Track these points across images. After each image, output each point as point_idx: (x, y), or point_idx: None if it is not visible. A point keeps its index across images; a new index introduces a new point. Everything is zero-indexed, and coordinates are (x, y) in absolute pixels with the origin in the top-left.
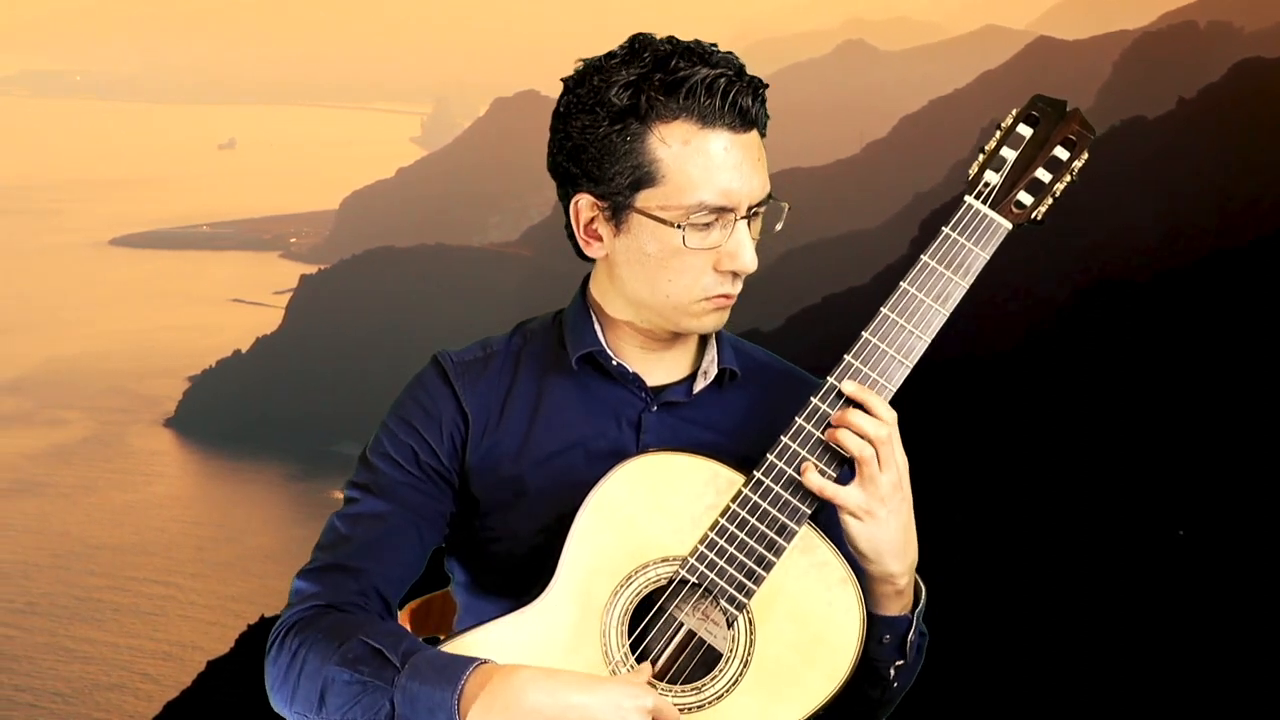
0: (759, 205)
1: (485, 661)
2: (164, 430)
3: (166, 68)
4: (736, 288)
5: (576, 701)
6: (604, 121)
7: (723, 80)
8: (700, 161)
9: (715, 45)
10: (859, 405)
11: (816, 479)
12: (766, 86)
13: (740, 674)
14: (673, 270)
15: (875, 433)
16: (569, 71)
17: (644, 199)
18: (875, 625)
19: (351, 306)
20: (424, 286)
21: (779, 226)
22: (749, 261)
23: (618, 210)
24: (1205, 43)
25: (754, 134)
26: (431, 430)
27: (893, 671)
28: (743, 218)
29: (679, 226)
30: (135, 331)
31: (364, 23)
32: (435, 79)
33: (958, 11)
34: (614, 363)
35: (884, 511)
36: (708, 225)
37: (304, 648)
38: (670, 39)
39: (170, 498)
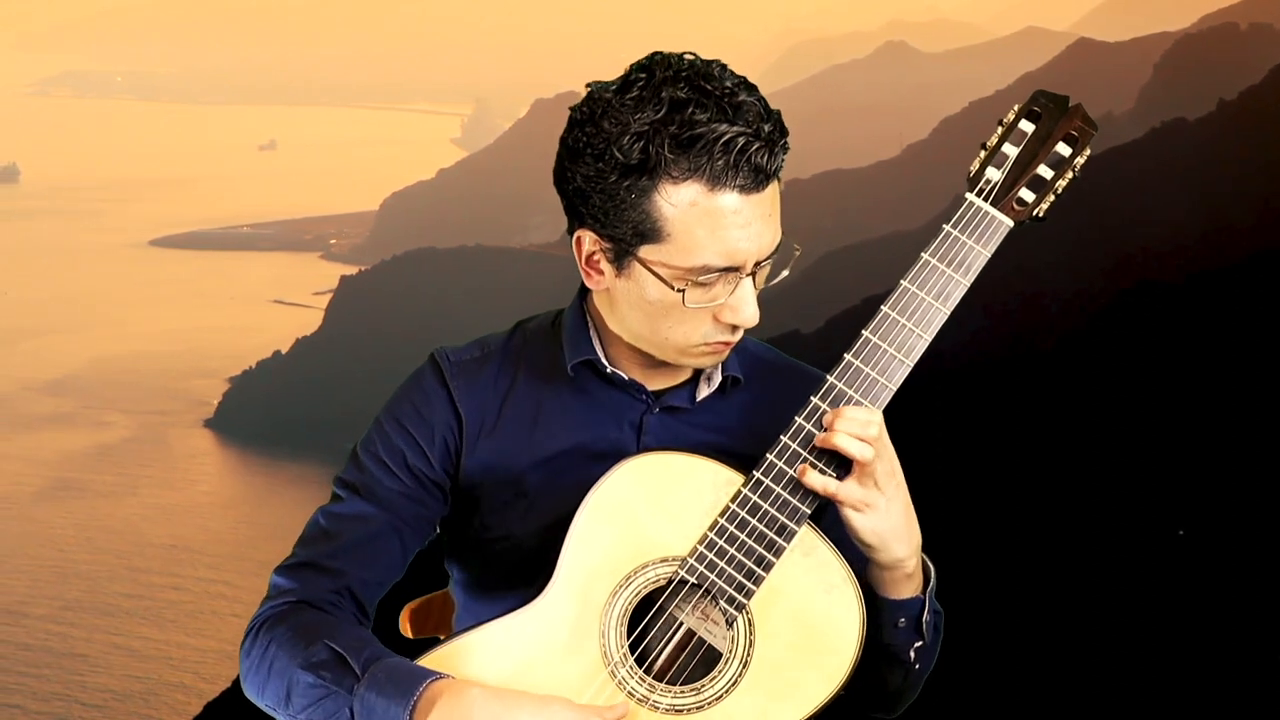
0: (766, 259)
1: (441, 676)
2: (204, 431)
3: (208, 69)
4: (737, 336)
5: None
6: (611, 174)
7: (740, 140)
8: (707, 224)
9: (741, 81)
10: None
11: (818, 478)
12: (786, 134)
13: (740, 674)
14: (673, 319)
15: (867, 432)
16: (610, 73)
17: (647, 252)
18: (890, 610)
19: (391, 307)
20: (464, 287)
21: (785, 273)
22: (750, 318)
23: (620, 255)
24: (1246, 45)
25: (768, 189)
26: (423, 434)
27: (913, 654)
28: (748, 274)
29: (679, 289)
30: (176, 332)
31: (404, 24)
32: (475, 80)
33: (999, 13)
34: (608, 370)
35: (883, 502)
36: (712, 283)
37: (274, 645)
38: (689, 74)
39: (212, 498)
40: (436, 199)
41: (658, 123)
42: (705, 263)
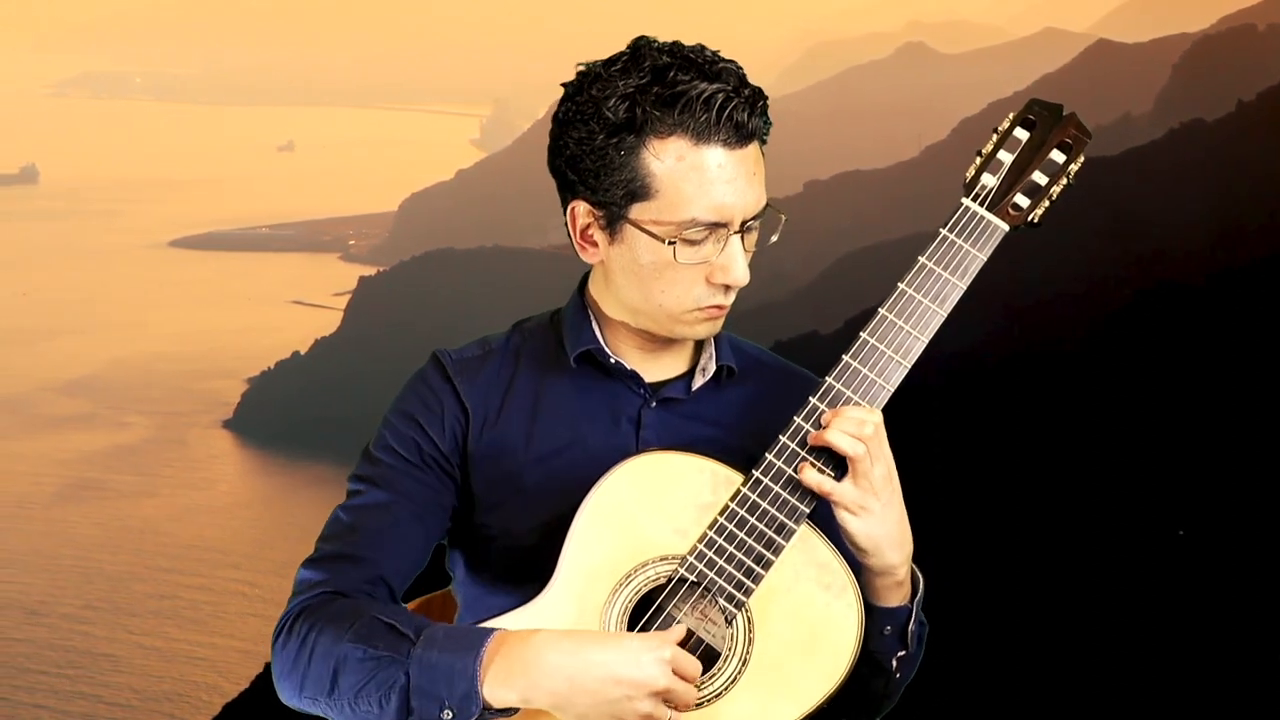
0: (753, 219)
1: (500, 629)
2: (223, 431)
3: (226, 70)
4: (729, 299)
5: (596, 658)
6: (600, 134)
7: (720, 95)
8: (694, 178)
9: (718, 52)
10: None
11: (814, 475)
12: (765, 99)
13: (739, 672)
14: (665, 281)
15: (862, 431)
16: None
17: (637, 211)
18: (877, 617)
19: (410, 308)
20: (483, 288)
21: (775, 238)
22: (741, 275)
23: (612, 220)
24: (1264, 46)
25: (751, 148)
26: (433, 423)
27: (895, 663)
28: (736, 232)
29: (670, 243)
30: (194, 333)
31: (422, 25)
32: (493, 80)
33: (1017, 14)
34: (612, 360)
35: (878, 505)
36: (701, 240)
37: (314, 631)
38: (672, 47)
39: (232, 498)
40: (455, 200)
41: (643, 85)
42: (694, 216)
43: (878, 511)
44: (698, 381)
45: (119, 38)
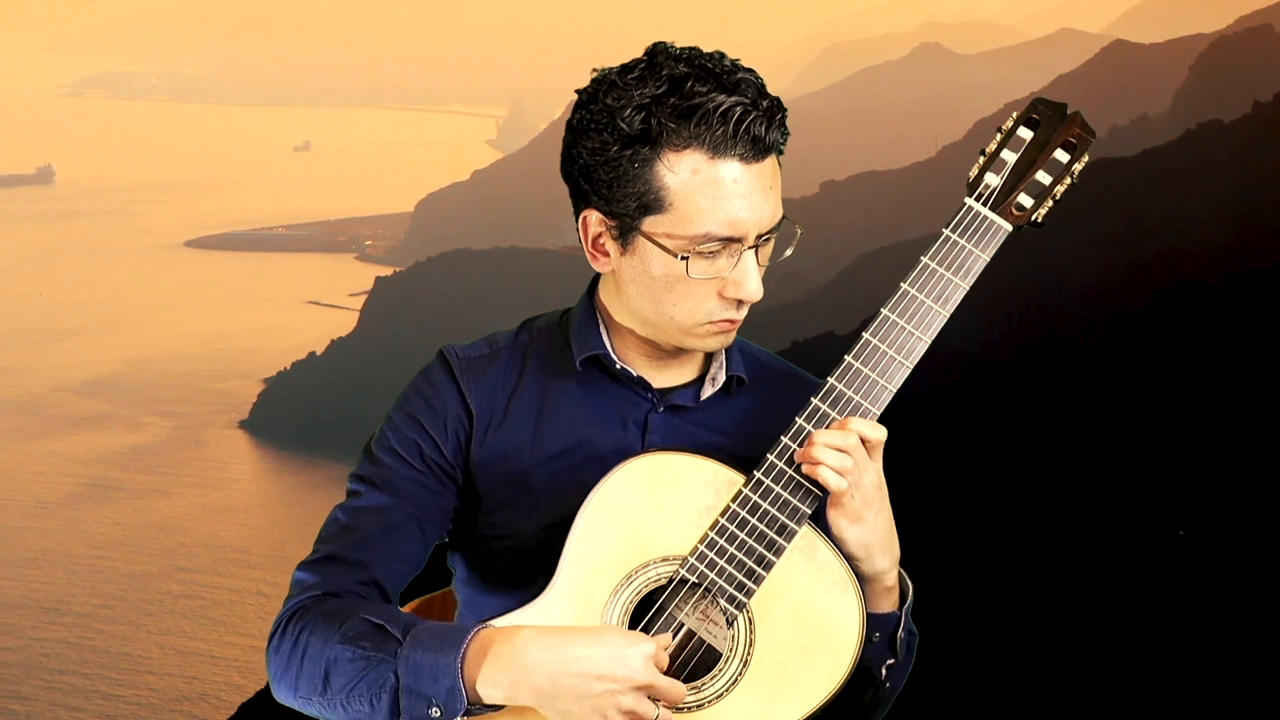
0: (769, 233)
1: (486, 625)
2: (239, 432)
3: (242, 70)
4: (741, 313)
5: (579, 654)
6: (614, 145)
7: (738, 109)
8: (709, 192)
9: (737, 61)
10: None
11: (833, 476)
12: (784, 111)
13: (740, 673)
14: (677, 294)
15: (846, 442)
16: None
17: (651, 224)
18: (866, 624)
19: (426, 308)
20: (498, 289)
21: (789, 251)
22: (754, 291)
23: (625, 231)
24: None
25: (768, 161)
26: (436, 425)
27: (884, 671)
28: (750, 247)
29: (683, 257)
30: (210, 334)
31: (439, 26)
32: (510, 81)
33: (1034, 15)
34: (618, 366)
35: (870, 513)
36: (714, 254)
37: (305, 632)
38: (690, 55)
39: (247, 498)
40: (471, 200)
41: (659, 96)
42: (707, 230)
43: (869, 519)
44: (707, 391)
45: (135, 38)
